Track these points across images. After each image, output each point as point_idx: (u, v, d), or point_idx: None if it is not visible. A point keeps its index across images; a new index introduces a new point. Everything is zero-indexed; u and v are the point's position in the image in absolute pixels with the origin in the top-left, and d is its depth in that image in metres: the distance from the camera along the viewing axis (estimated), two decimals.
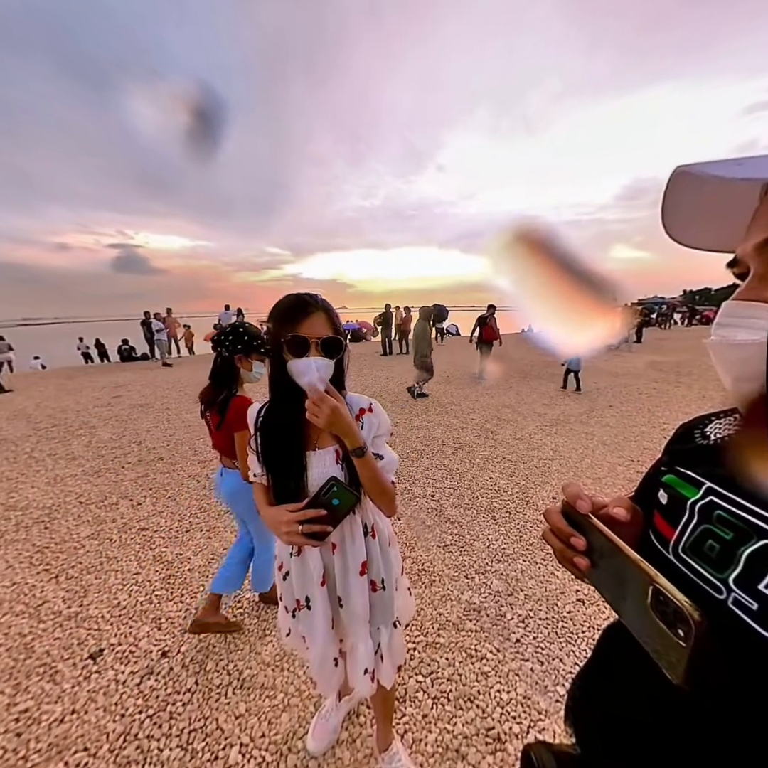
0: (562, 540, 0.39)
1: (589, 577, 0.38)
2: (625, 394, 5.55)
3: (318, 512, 0.70)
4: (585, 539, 0.37)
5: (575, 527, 0.38)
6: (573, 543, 0.37)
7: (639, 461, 3.26)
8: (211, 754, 1.17)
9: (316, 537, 0.71)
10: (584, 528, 0.38)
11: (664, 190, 0.39)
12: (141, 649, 1.54)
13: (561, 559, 0.40)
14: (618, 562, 0.33)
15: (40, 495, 2.87)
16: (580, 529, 0.38)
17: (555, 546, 0.40)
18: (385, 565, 0.90)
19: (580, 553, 0.37)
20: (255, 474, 0.85)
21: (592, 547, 0.37)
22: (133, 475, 3.19)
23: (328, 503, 0.70)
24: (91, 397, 5.88)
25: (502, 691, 1.34)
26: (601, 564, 0.36)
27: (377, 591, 0.90)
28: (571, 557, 0.38)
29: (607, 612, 1.67)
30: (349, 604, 0.87)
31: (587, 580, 0.38)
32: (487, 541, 2.21)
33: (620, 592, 0.34)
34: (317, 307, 0.74)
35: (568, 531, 0.38)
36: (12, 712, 1.30)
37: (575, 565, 0.37)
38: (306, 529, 0.70)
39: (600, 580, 0.36)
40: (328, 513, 0.70)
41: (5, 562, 2.10)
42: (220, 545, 2.21)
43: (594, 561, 0.36)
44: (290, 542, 0.75)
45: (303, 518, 0.70)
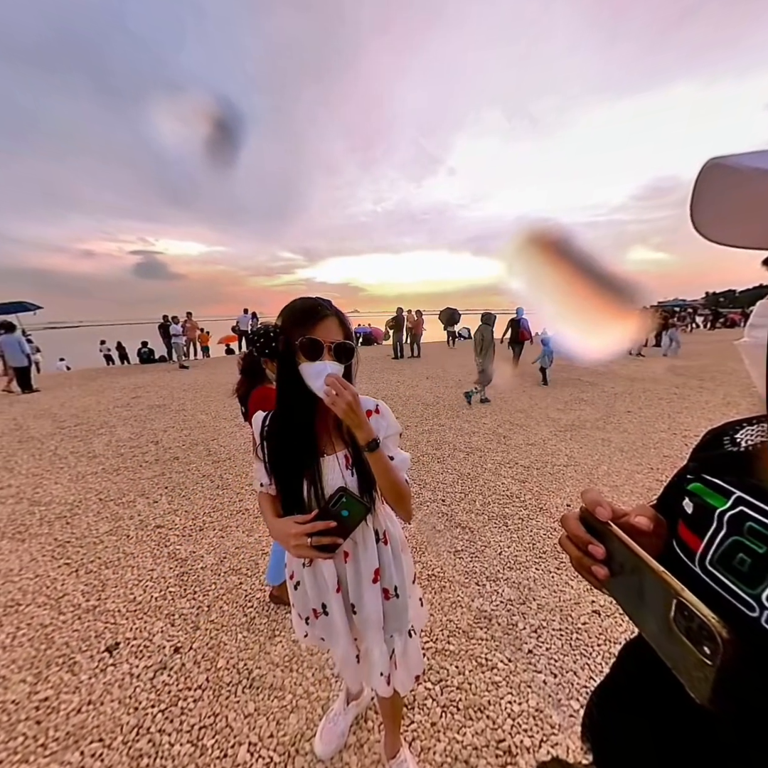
0: (580, 547, 0.38)
1: (607, 588, 0.36)
2: (644, 400, 5.38)
3: (327, 524, 0.68)
4: (604, 547, 0.36)
5: (594, 535, 0.37)
6: (591, 551, 0.36)
7: (659, 469, 3.15)
8: (221, 751, 1.18)
9: (326, 549, 0.69)
10: (603, 536, 0.36)
11: (694, 184, 0.37)
12: (155, 644, 1.57)
13: (578, 568, 0.39)
14: (639, 573, 0.32)
15: (62, 491, 2.98)
16: (598, 537, 0.37)
17: (572, 553, 0.39)
18: (398, 572, 0.89)
19: (598, 562, 0.36)
20: (261, 483, 0.84)
21: (611, 556, 0.35)
22: (150, 473, 3.28)
23: (337, 514, 0.67)
24: (112, 398, 6.09)
25: (514, 703, 1.31)
26: (621, 574, 0.35)
27: (390, 599, 0.88)
28: (588, 566, 0.37)
29: (624, 625, 1.61)
30: (363, 611, 0.86)
31: (605, 591, 0.37)
32: (498, 547, 2.18)
33: (641, 604, 0.32)
34: (330, 311, 0.74)
35: (586, 538, 0.37)
36: (33, 700, 1.35)
37: (593, 574, 0.36)
38: (315, 542, 0.68)
39: (619, 590, 0.35)
40: (338, 524, 0.68)
41: (29, 555, 2.19)
42: (232, 544, 2.25)
43: (613, 571, 0.35)
44: (299, 555, 0.74)
45: (312, 531, 0.68)
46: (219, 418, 4.85)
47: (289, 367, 0.74)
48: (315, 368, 0.71)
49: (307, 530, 0.68)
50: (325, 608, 0.87)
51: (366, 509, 0.71)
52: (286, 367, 0.76)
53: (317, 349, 0.71)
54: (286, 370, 0.76)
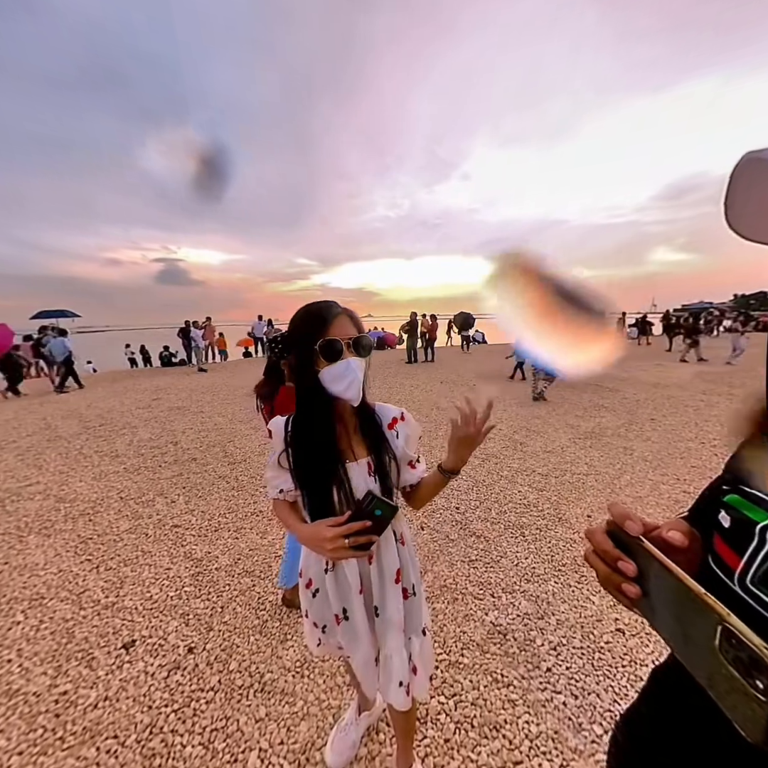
0: (608, 563, 0.35)
1: (639, 608, 0.34)
2: (669, 407, 5.16)
3: (364, 524, 0.69)
4: (635, 564, 0.33)
5: (623, 550, 0.35)
6: (621, 567, 0.34)
7: (686, 480, 2.99)
8: (231, 755, 1.17)
9: (362, 548, 0.72)
10: (634, 552, 0.34)
11: (729, 179, 0.36)
12: (169, 643, 1.59)
13: (605, 584, 0.37)
14: (676, 594, 0.29)
15: (86, 489, 3.09)
16: (628, 553, 0.34)
17: (599, 570, 0.37)
18: (414, 570, 0.91)
19: (629, 580, 0.33)
20: (281, 490, 0.83)
21: (643, 573, 0.33)
22: (168, 473, 3.36)
23: (371, 514, 0.70)
24: (134, 399, 6.30)
25: (531, 723, 1.25)
26: (655, 594, 0.32)
27: (408, 598, 0.89)
28: (618, 583, 0.34)
29: (651, 646, 1.53)
30: (386, 612, 0.86)
31: (637, 611, 0.34)
32: (515, 558, 2.11)
33: (679, 628, 0.30)
34: (340, 308, 0.74)
35: (615, 554, 0.35)
36: (53, 693, 1.38)
37: (623, 592, 0.34)
38: (353, 542, 0.69)
39: (653, 612, 0.32)
40: (373, 523, 0.70)
41: (54, 550, 2.27)
42: (246, 546, 2.26)
43: (646, 590, 0.33)
44: (337, 558, 0.75)
45: (349, 531, 0.69)
46: (235, 420, 4.94)
47: (308, 374, 0.73)
48: (338, 368, 0.71)
49: (344, 531, 0.69)
50: (346, 613, 0.86)
51: (395, 508, 0.73)
52: (304, 375, 0.75)
53: (337, 349, 0.70)
54: (304, 377, 0.75)
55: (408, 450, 0.84)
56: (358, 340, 0.73)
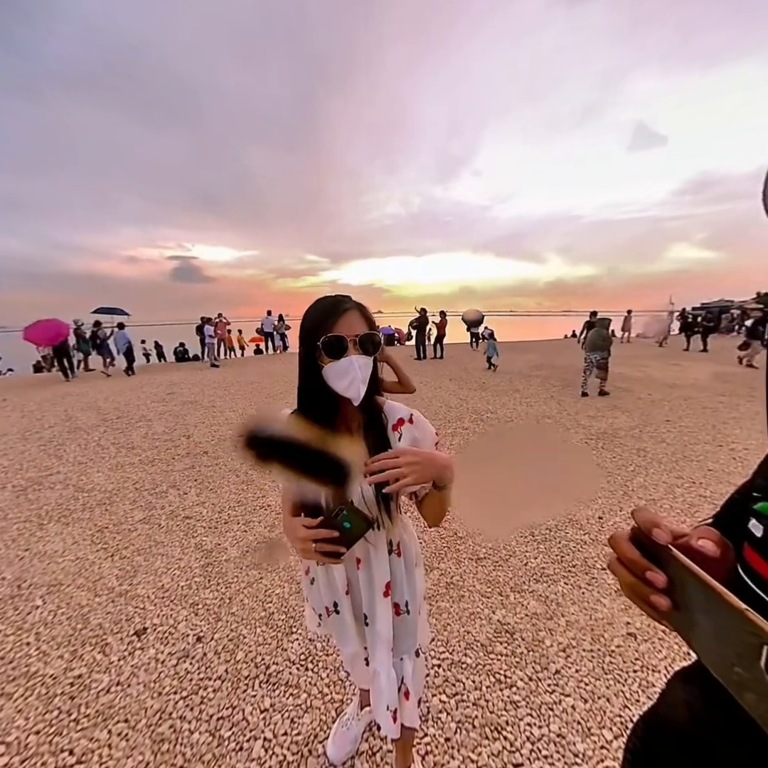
0: (635, 573, 0.33)
1: (669, 621, 0.32)
2: (685, 408, 5.00)
3: (330, 533, 0.67)
4: (665, 575, 0.31)
5: (649, 559, 0.33)
6: (650, 578, 0.32)
7: (702, 484, 2.90)
8: (237, 744, 1.20)
9: (330, 555, 0.70)
10: (663, 561, 0.32)
11: None
12: (179, 631, 1.64)
13: (631, 595, 0.35)
14: (712, 608, 0.28)
15: (103, 479, 3.18)
16: (656, 562, 0.32)
17: (625, 579, 0.34)
18: (410, 586, 0.86)
19: (658, 591, 0.31)
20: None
21: (673, 584, 0.31)
22: (181, 466, 3.43)
23: (339, 525, 0.67)
24: (150, 393, 6.46)
25: (533, 725, 1.24)
26: (687, 606, 0.30)
27: (401, 615, 0.86)
28: (646, 594, 0.32)
29: (664, 651, 1.49)
30: (375, 625, 0.84)
31: (666, 624, 0.32)
32: (524, 558, 2.08)
33: (716, 645, 0.28)
34: (350, 304, 0.72)
35: (643, 564, 0.33)
36: (68, 676, 1.44)
37: (652, 604, 0.32)
38: (319, 548, 0.68)
39: (686, 626, 0.30)
40: (340, 535, 0.67)
41: (72, 538, 2.35)
42: (254, 539, 2.30)
43: (677, 602, 0.31)
44: (306, 558, 0.74)
45: (316, 537, 0.67)
46: (246, 415, 5.01)
47: (311, 370, 0.73)
48: (340, 366, 0.69)
49: (311, 536, 0.67)
50: (336, 607, 0.87)
51: (368, 524, 0.69)
52: (306, 370, 0.74)
53: (341, 346, 0.68)
54: (306, 373, 0.74)
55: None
56: (365, 338, 0.70)
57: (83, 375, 9.21)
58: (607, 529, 2.33)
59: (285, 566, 2.05)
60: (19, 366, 12.44)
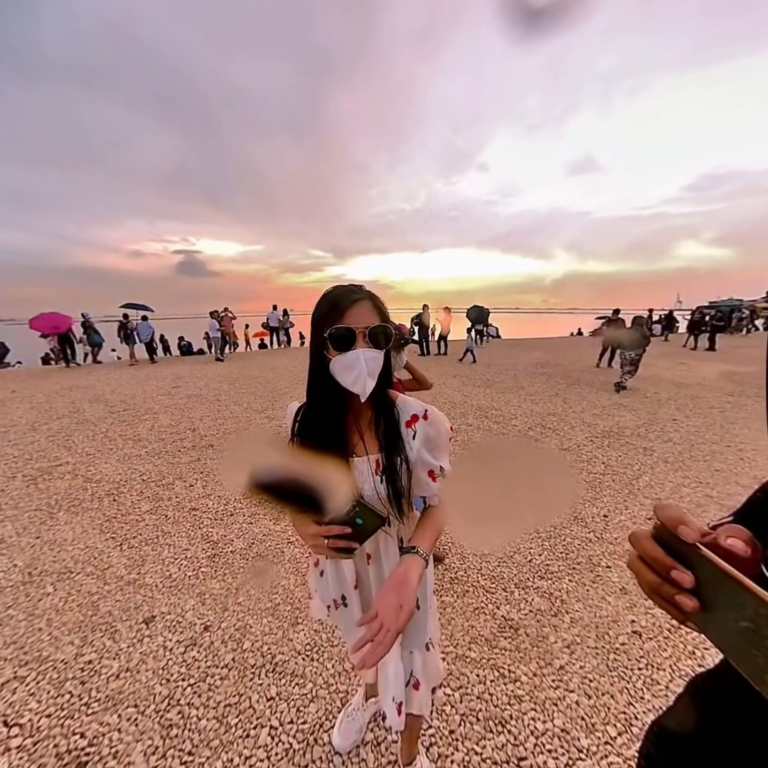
0: (658, 572, 0.32)
1: (696, 623, 0.30)
2: (692, 407, 4.95)
3: (342, 529, 0.66)
4: (692, 574, 0.30)
5: (674, 557, 0.31)
6: (676, 578, 0.30)
7: (709, 484, 2.88)
8: (243, 731, 1.22)
9: (343, 551, 0.69)
10: (689, 560, 0.30)
11: None
12: (186, 620, 1.66)
13: (652, 595, 0.33)
14: (747, 610, 0.26)
15: (111, 470, 3.22)
16: (681, 561, 0.31)
17: (647, 579, 0.33)
18: (420, 582, 0.87)
19: (684, 591, 0.30)
20: None
21: (701, 584, 0.30)
22: (187, 458, 3.47)
23: (352, 521, 0.67)
24: (155, 386, 6.51)
25: (537, 720, 1.24)
26: (716, 608, 0.29)
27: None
28: (671, 594, 0.31)
29: (670, 650, 1.49)
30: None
31: (693, 626, 0.31)
32: (529, 554, 2.09)
33: (753, 651, 0.26)
34: (361, 294, 0.68)
35: (668, 562, 0.31)
36: (79, 661, 1.47)
37: (677, 605, 0.30)
38: (331, 544, 0.67)
39: (716, 629, 0.29)
40: (353, 531, 0.67)
41: (81, 527, 2.39)
42: (260, 531, 2.32)
43: (705, 603, 0.29)
44: (317, 553, 0.73)
45: (327, 534, 0.66)
46: (250, 409, 5.04)
47: (319, 363, 0.71)
48: (347, 359, 0.66)
49: (323, 533, 0.67)
50: (344, 600, 0.87)
51: (381, 521, 0.68)
52: (315, 362, 0.73)
53: (349, 338, 0.66)
54: (315, 365, 0.73)
55: (427, 455, 0.75)
56: (375, 330, 0.67)
57: (89, 367, 9.33)
58: (612, 528, 2.32)
59: (290, 558, 2.07)
60: (28, 358, 12.59)
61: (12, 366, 11.96)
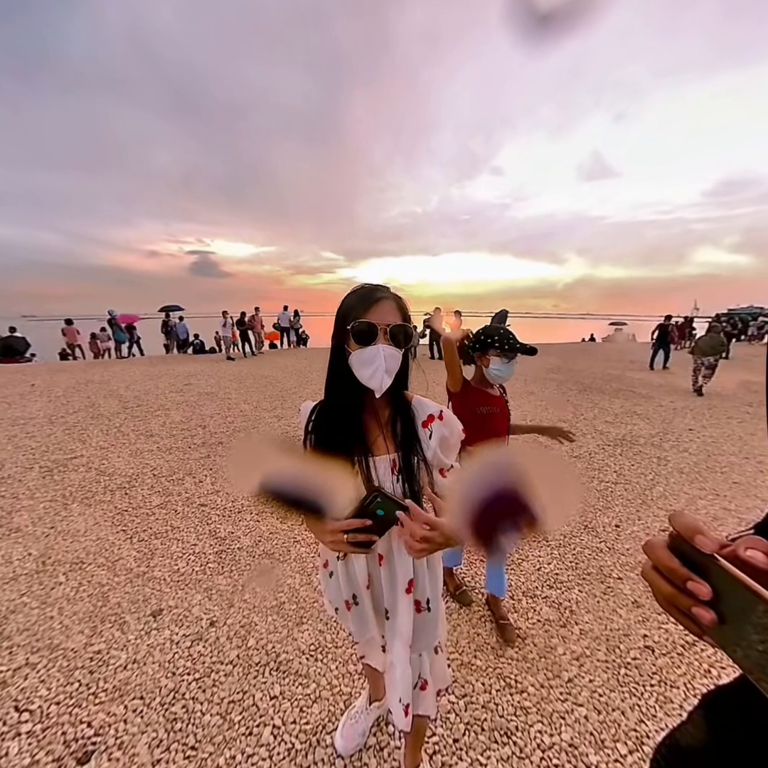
0: (674, 583, 0.31)
1: (714, 637, 0.29)
2: (709, 417, 4.81)
3: (363, 522, 0.66)
4: (709, 586, 0.29)
5: (690, 568, 0.30)
6: (692, 589, 0.29)
7: (726, 496, 2.78)
8: (247, 728, 1.22)
9: (362, 545, 0.69)
10: (706, 571, 0.30)
11: None
12: (193, 615, 1.67)
13: (667, 606, 0.32)
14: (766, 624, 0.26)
15: (123, 464, 3.29)
16: (698, 572, 0.30)
17: (662, 590, 0.32)
18: (432, 583, 0.85)
19: (701, 604, 0.29)
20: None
21: (719, 597, 0.29)
22: (197, 455, 3.51)
23: (373, 513, 0.67)
24: (168, 383, 6.63)
25: (544, 733, 1.21)
26: (736, 622, 0.28)
27: (422, 612, 0.84)
28: (687, 606, 0.30)
29: (684, 667, 1.44)
30: (395, 620, 0.83)
31: (709, 640, 0.30)
32: (537, 563, 2.05)
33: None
34: (386, 293, 0.71)
35: (684, 573, 0.30)
36: (88, 651, 1.49)
37: (693, 617, 0.29)
38: (351, 539, 0.67)
39: (732, 643, 0.28)
40: (374, 523, 0.67)
41: (93, 519, 2.44)
42: (266, 529, 2.33)
43: (722, 615, 0.28)
44: (335, 550, 0.73)
45: (348, 528, 0.67)
46: (260, 408, 5.09)
47: (339, 357, 0.72)
48: (367, 354, 0.68)
49: (343, 527, 0.67)
50: (356, 599, 0.87)
51: (402, 509, 0.68)
52: (335, 358, 0.74)
53: (371, 333, 0.67)
54: (335, 360, 0.74)
55: (442, 454, 0.77)
56: (397, 329, 0.69)
57: (107, 361, 9.57)
58: (624, 538, 2.26)
59: (296, 557, 2.07)
60: (46, 353, 12.96)
61: (30, 360, 12.35)
